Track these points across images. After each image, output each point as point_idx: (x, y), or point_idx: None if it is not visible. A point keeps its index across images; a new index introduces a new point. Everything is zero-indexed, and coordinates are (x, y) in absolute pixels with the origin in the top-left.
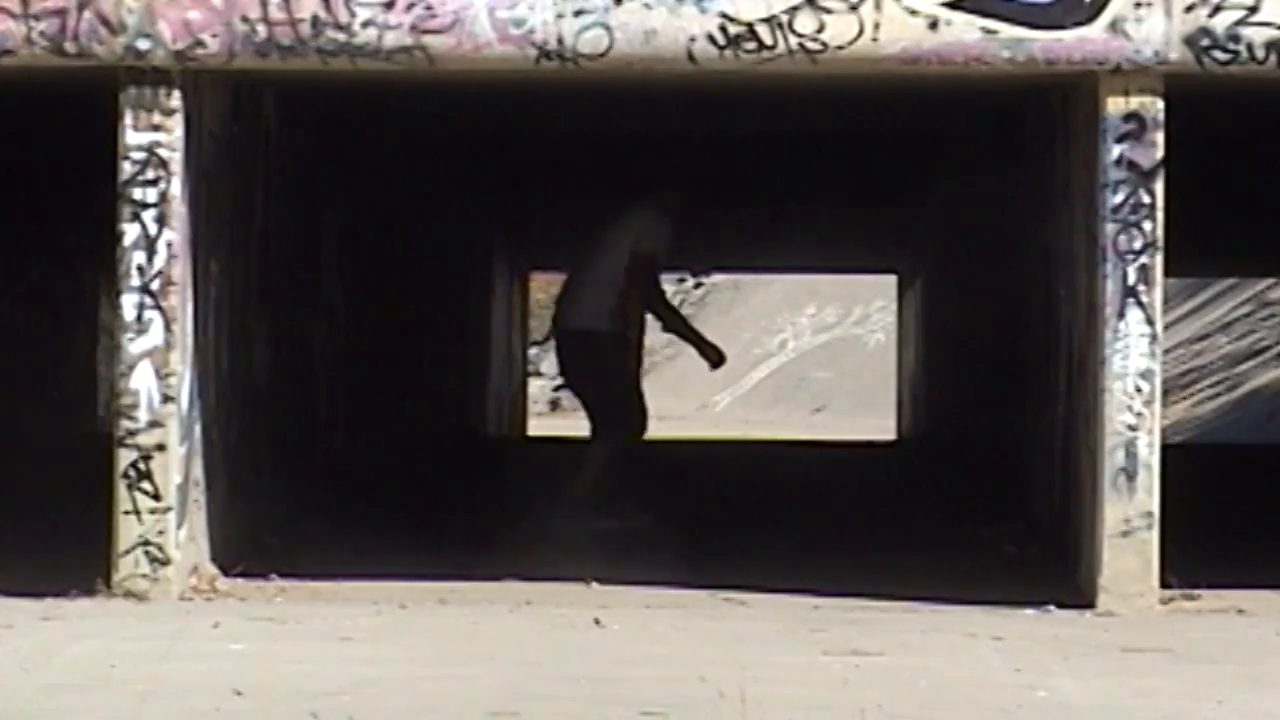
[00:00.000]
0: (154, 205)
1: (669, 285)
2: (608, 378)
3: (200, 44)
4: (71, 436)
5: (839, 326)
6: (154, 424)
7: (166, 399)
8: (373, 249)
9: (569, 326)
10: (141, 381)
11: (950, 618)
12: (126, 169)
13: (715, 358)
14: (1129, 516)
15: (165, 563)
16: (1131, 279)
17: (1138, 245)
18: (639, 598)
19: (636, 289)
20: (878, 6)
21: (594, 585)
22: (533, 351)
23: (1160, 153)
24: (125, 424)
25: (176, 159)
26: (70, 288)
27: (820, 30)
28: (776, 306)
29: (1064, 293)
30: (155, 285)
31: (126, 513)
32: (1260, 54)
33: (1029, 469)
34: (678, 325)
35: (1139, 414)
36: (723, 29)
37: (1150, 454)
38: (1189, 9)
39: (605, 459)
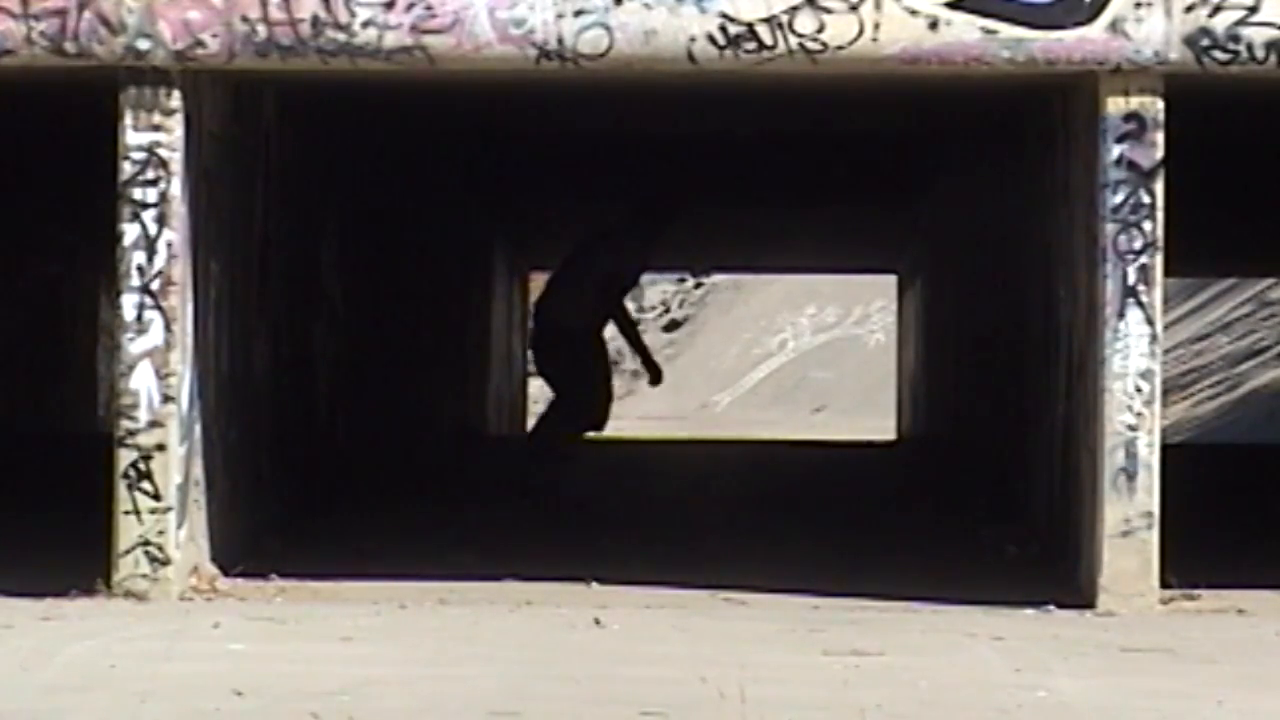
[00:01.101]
0: (154, 205)
1: (670, 285)
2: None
3: (200, 44)
4: (71, 436)
5: (839, 326)
6: (154, 424)
7: (166, 399)
8: (372, 249)
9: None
10: (141, 381)
11: (950, 618)
12: (126, 169)
13: (656, 376)
14: (1129, 516)
15: (165, 563)
16: (1131, 279)
17: (1138, 245)
18: (639, 598)
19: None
20: (878, 6)
21: (594, 585)
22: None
23: (1160, 153)
24: (125, 424)
25: (176, 159)
26: (70, 288)
27: (820, 30)
28: (776, 306)
29: (1064, 293)
30: (155, 285)
31: (126, 513)
32: (1260, 54)
33: (1029, 469)
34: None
35: (1139, 414)
36: (723, 29)
37: (1150, 454)
38: (1189, 9)
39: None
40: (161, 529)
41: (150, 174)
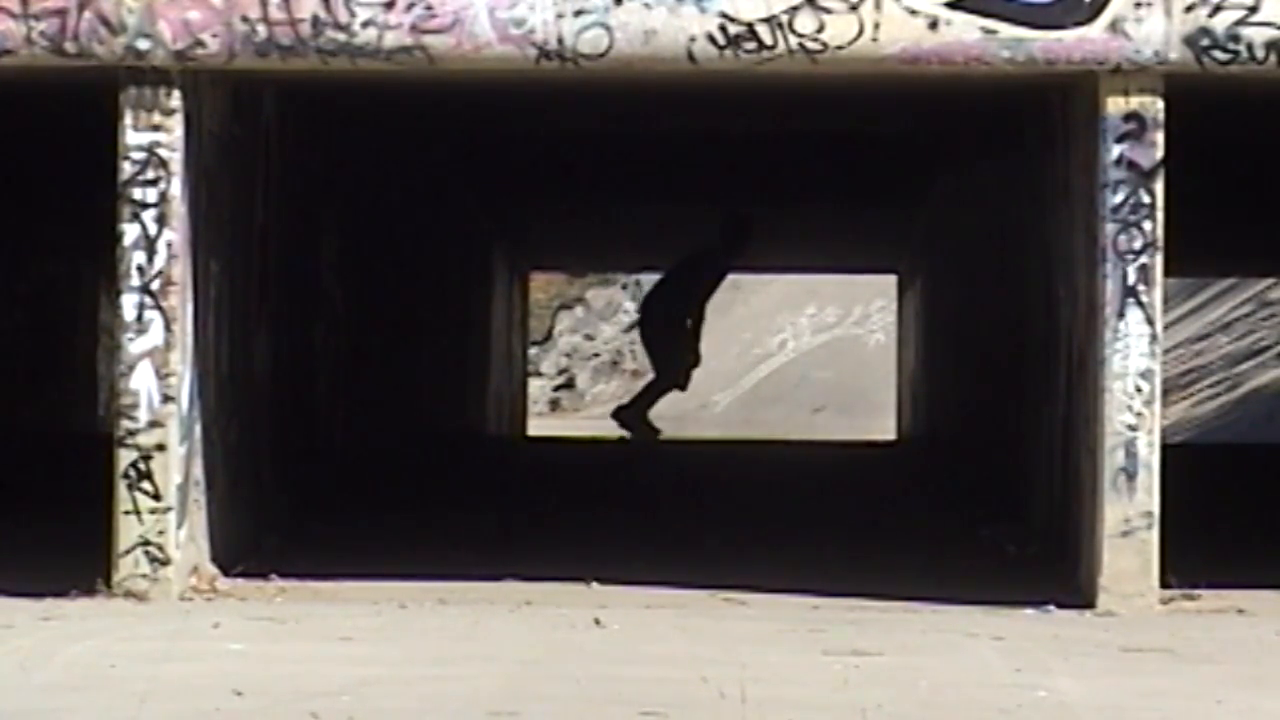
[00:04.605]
0: (154, 205)
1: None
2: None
3: (200, 44)
4: (71, 436)
5: (839, 326)
6: (154, 424)
7: (166, 399)
8: (372, 249)
9: None
10: (141, 381)
11: (950, 618)
12: (126, 169)
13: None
14: (1129, 516)
15: (165, 563)
16: (1131, 279)
17: (1138, 245)
18: (639, 598)
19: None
20: (878, 6)
21: (594, 585)
22: (533, 351)
23: (1160, 153)
24: (125, 424)
25: (176, 159)
26: (70, 288)
27: (820, 30)
28: (776, 306)
29: (1064, 293)
30: (155, 285)
31: (126, 513)
32: (1260, 54)
33: (1029, 469)
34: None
35: (1139, 414)
36: (723, 29)
37: (1150, 454)
38: (1189, 9)
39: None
40: (161, 529)
41: (150, 174)
